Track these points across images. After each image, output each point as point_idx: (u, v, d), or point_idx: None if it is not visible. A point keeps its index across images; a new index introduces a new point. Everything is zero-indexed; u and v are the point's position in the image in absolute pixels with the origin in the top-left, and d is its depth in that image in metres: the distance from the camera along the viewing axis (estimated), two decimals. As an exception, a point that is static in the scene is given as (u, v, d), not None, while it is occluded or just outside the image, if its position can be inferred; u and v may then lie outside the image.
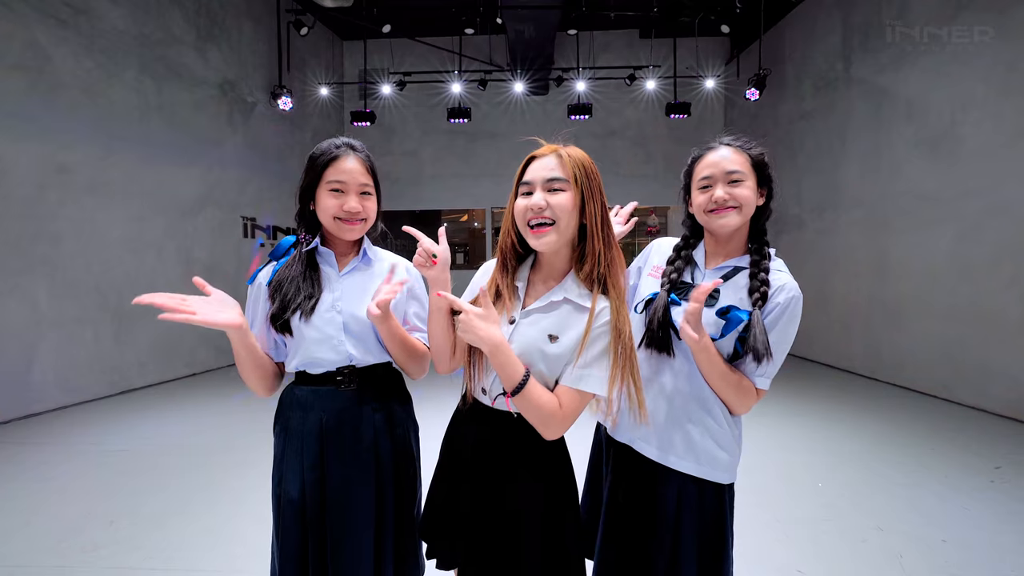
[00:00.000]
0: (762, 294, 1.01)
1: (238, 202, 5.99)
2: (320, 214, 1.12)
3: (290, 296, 1.08)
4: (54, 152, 3.95)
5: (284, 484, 1.09)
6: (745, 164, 1.05)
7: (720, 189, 1.03)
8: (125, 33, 4.55)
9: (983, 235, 3.90)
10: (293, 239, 1.17)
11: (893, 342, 4.81)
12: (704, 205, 1.06)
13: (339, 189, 1.09)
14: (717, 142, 1.10)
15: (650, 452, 1.09)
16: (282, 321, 1.08)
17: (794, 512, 2.31)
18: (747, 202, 1.04)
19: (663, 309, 1.05)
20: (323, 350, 1.09)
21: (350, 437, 1.10)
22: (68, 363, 4.07)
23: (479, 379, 1.00)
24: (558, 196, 0.89)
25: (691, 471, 1.06)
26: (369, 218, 1.14)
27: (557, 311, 0.93)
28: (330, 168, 1.10)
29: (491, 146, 8.27)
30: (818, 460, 2.94)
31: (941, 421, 3.67)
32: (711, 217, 1.06)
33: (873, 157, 5.06)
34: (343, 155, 1.11)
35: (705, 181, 1.06)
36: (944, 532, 2.12)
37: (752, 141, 1.10)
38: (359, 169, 1.11)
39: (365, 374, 1.14)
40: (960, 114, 4.10)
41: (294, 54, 6.88)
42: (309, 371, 1.12)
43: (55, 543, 2.05)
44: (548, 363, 0.91)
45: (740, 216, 1.04)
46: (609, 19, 7.05)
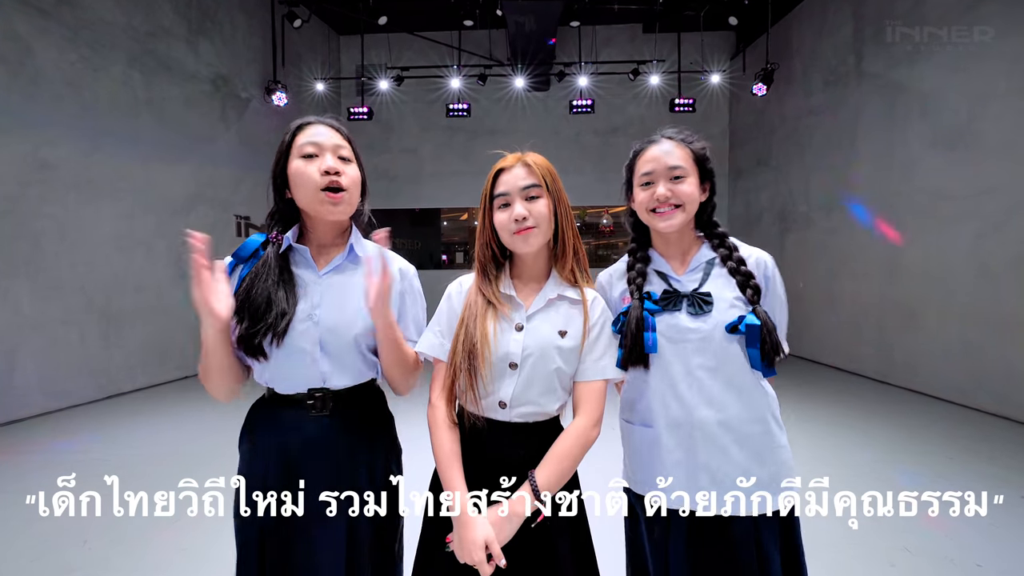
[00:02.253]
0: (754, 288, 0.98)
1: (231, 200, 5.84)
2: (297, 191, 0.95)
3: (260, 312, 0.91)
4: (36, 148, 3.80)
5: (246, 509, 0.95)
6: (687, 159, 1.02)
7: (662, 186, 1.00)
8: (112, 25, 4.39)
9: (1005, 234, 3.75)
10: (263, 238, 0.99)
11: (906, 344, 4.66)
12: (646, 203, 1.02)
13: (312, 153, 0.94)
14: (659, 135, 1.07)
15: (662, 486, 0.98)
16: (251, 346, 0.91)
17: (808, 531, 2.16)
18: (690, 199, 1.00)
19: (637, 321, 0.98)
20: (293, 365, 0.94)
21: (319, 469, 0.94)
22: (52, 367, 3.93)
23: (489, 393, 0.94)
24: (536, 203, 0.94)
25: (741, 511, 0.94)
26: (351, 189, 0.97)
27: (557, 308, 0.98)
28: (299, 135, 0.96)
29: (491, 143, 8.07)
30: (832, 471, 2.79)
31: (959, 428, 3.52)
32: (655, 218, 1.02)
33: (886, 154, 4.91)
34: (313, 123, 0.98)
35: (647, 177, 1.02)
36: (977, 555, 1.98)
37: (695, 135, 1.07)
38: (331, 134, 0.98)
39: (341, 398, 0.97)
40: (979, 109, 3.94)
41: (289, 49, 6.72)
42: (276, 389, 0.96)
43: (28, 563, 1.92)
44: (564, 356, 0.95)
45: (684, 214, 1.01)
46: (612, 13, 6.89)
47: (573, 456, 0.91)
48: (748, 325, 0.95)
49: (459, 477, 0.91)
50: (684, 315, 0.99)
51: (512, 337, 0.94)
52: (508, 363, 0.94)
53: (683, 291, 1.01)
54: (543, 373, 0.94)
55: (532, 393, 0.94)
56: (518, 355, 0.94)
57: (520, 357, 0.94)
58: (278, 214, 1.01)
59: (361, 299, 0.95)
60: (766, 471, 0.97)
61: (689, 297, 1.00)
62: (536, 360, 0.93)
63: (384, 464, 1.03)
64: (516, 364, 0.94)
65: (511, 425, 0.95)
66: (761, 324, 0.94)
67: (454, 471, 0.92)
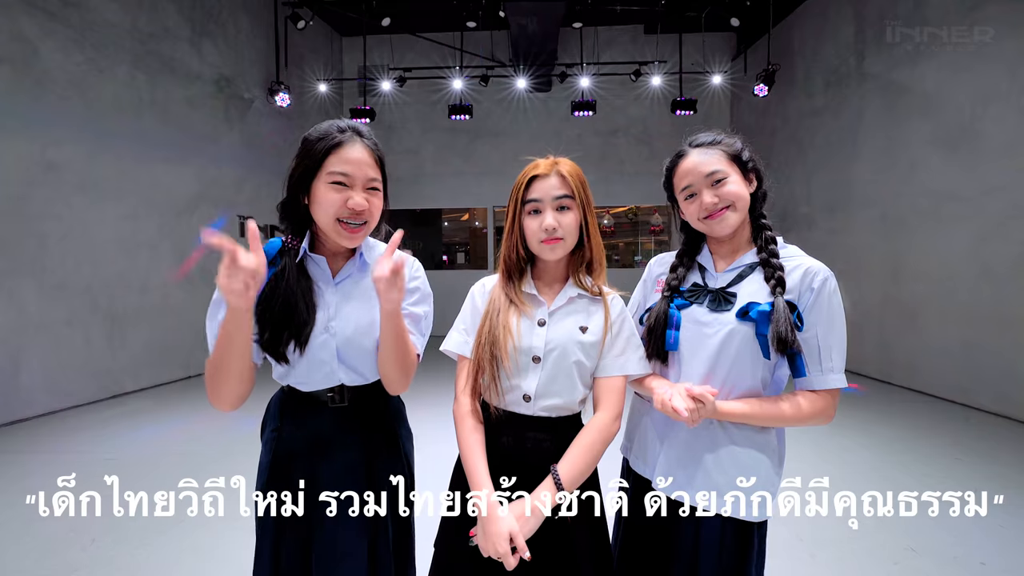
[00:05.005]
0: (778, 279, 0.95)
1: (234, 201, 5.86)
2: (316, 211, 0.93)
3: (281, 320, 0.92)
4: (42, 149, 3.82)
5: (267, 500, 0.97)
6: (722, 160, 0.99)
7: (707, 195, 0.98)
8: (117, 26, 4.41)
9: (1007, 234, 3.76)
10: (279, 243, 0.98)
11: (908, 344, 4.67)
12: (696, 214, 1.01)
13: (342, 182, 0.91)
14: (686, 146, 1.04)
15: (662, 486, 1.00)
16: (275, 351, 0.93)
17: (814, 531, 2.18)
18: (739, 197, 0.98)
19: (663, 316, 1.02)
20: (312, 372, 0.97)
21: (338, 457, 0.98)
22: (57, 366, 3.95)
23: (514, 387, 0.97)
24: (567, 215, 0.96)
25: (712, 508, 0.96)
26: (372, 220, 0.96)
27: (577, 305, 1.00)
28: (332, 156, 0.91)
29: (493, 144, 8.11)
30: (834, 470, 2.80)
31: (961, 427, 3.53)
32: (708, 223, 1.00)
33: (887, 154, 4.92)
34: (349, 142, 0.92)
35: (688, 190, 1.01)
36: (981, 554, 1.99)
37: (721, 133, 1.04)
38: (367, 160, 0.93)
39: (358, 392, 1.02)
40: (980, 109, 3.95)
41: (292, 50, 6.74)
42: (297, 388, 1.01)
43: (32, 564, 1.93)
44: (585, 351, 0.98)
45: (737, 213, 0.99)
46: (614, 14, 6.91)
47: (595, 450, 0.92)
48: (759, 311, 0.93)
49: (484, 471, 0.93)
50: (704, 309, 1.00)
51: (535, 332, 0.97)
52: (531, 357, 0.96)
53: (712, 287, 1.02)
54: (565, 367, 0.96)
55: (556, 387, 0.96)
56: (541, 349, 0.96)
57: (543, 351, 0.96)
58: (291, 212, 0.98)
59: (372, 308, 0.97)
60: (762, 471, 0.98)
61: (714, 293, 1.01)
62: (559, 354, 0.96)
63: (398, 456, 1.06)
64: (539, 358, 0.96)
65: (535, 419, 0.97)
66: (772, 311, 0.92)
67: (480, 464, 0.93)
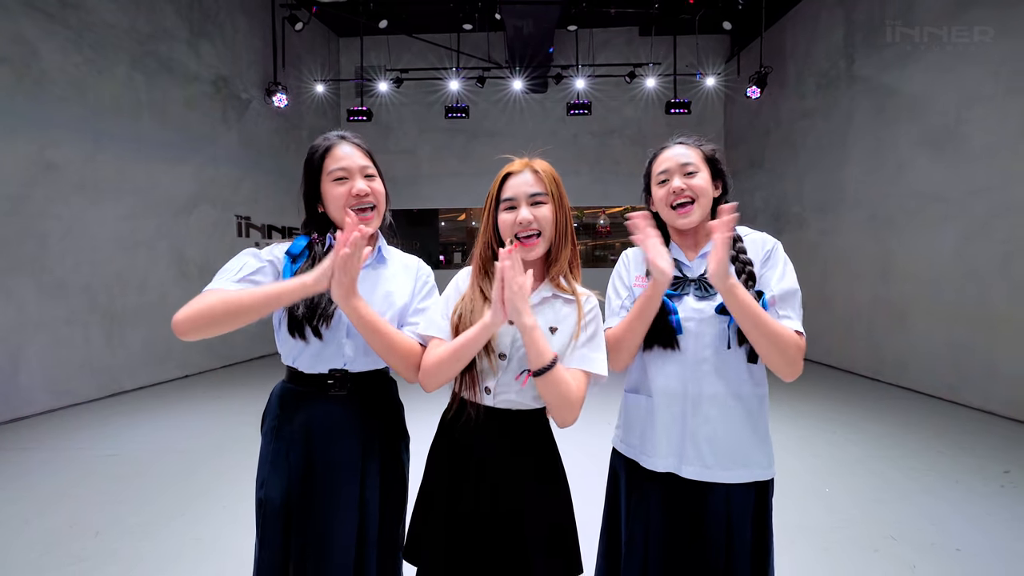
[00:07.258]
0: (749, 274, 1.04)
1: (232, 200, 5.89)
2: (330, 209, 1.08)
3: (315, 301, 1.02)
4: (41, 149, 3.86)
5: (267, 489, 1.03)
6: (698, 157, 1.11)
7: (677, 179, 1.09)
8: (115, 27, 4.45)
9: (991, 234, 3.85)
10: (307, 239, 1.09)
11: (896, 343, 4.76)
12: (664, 198, 1.11)
13: (343, 176, 1.07)
14: (671, 142, 1.16)
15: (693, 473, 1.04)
16: (299, 328, 1.02)
17: (801, 519, 2.25)
18: (703, 192, 1.08)
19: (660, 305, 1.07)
20: (325, 345, 1.05)
21: (336, 446, 1.04)
22: (56, 365, 3.98)
23: (481, 380, 0.99)
24: (541, 209, 0.98)
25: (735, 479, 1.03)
26: (379, 204, 1.11)
27: (550, 305, 1.01)
28: (328, 157, 1.07)
29: (489, 144, 8.16)
30: (822, 464, 2.87)
31: (947, 423, 3.61)
32: (675, 215, 1.10)
33: (876, 156, 5.00)
34: (337, 143, 1.09)
35: (662, 176, 1.12)
36: (958, 540, 2.06)
37: (703, 139, 1.17)
38: (357, 153, 1.10)
39: (358, 380, 1.07)
40: (966, 111, 4.04)
41: (289, 51, 6.78)
42: (301, 369, 1.06)
43: (37, 556, 1.97)
44: None
45: (700, 208, 1.08)
46: (608, 16, 6.98)
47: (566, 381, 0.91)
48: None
49: None
50: (691, 298, 1.07)
51: (504, 329, 0.98)
52: (499, 353, 0.98)
53: (691, 276, 1.10)
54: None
55: (517, 384, 0.97)
56: (508, 346, 0.98)
57: (510, 348, 0.98)
58: (313, 224, 1.11)
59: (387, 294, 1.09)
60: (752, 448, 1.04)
61: (696, 281, 1.09)
62: (524, 353, 0.94)
63: (394, 446, 1.11)
64: (505, 355, 0.98)
65: (494, 411, 0.99)
66: None
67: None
